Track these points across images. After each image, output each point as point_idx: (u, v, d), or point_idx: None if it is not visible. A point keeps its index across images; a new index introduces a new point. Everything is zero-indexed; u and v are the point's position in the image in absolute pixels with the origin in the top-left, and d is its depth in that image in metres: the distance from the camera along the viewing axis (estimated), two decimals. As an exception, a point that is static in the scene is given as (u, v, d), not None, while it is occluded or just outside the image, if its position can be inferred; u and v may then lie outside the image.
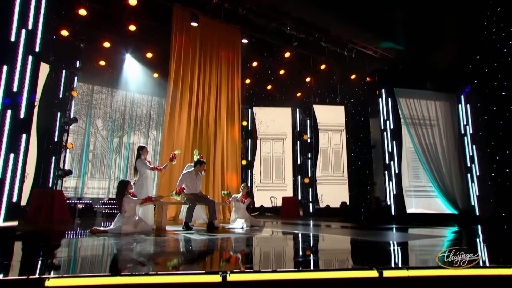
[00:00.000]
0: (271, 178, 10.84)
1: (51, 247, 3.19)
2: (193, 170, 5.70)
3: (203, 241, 3.78)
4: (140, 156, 5.46)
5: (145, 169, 5.37)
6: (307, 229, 5.55)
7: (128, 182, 4.67)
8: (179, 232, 4.76)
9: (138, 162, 5.41)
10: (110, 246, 3.25)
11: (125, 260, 2.48)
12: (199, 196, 5.61)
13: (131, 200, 4.58)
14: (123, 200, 4.51)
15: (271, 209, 10.37)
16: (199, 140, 8.93)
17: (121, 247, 3.15)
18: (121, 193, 4.56)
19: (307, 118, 11.17)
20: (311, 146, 10.93)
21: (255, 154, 10.89)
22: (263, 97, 11.76)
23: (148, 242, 3.56)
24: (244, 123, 10.81)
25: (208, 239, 3.93)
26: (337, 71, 11.21)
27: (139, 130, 10.66)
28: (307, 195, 10.58)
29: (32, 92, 4.15)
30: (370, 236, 4.46)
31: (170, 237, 4.11)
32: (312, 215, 10.27)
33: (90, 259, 2.57)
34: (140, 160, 5.41)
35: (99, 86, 9.95)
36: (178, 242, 3.77)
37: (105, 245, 3.28)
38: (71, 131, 9.12)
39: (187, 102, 8.88)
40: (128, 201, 4.55)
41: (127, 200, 4.52)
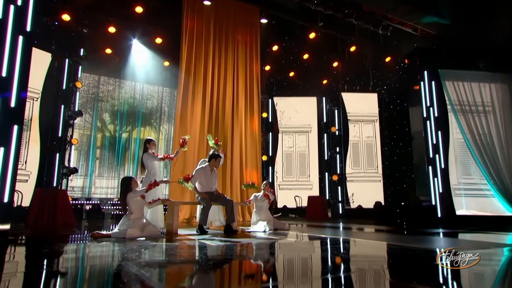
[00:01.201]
0: (295, 175, 10.66)
1: (39, 256, 2.95)
2: (207, 166, 5.43)
3: (219, 248, 3.50)
4: (147, 150, 5.26)
5: (153, 163, 5.17)
6: (337, 233, 5.34)
7: (131, 179, 4.45)
8: (192, 237, 4.53)
9: (145, 156, 5.20)
10: (109, 255, 3.00)
11: (122, 275, 2.15)
12: (214, 195, 5.35)
13: (135, 194, 4.32)
14: (126, 198, 4.26)
15: (295, 209, 10.19)
16: (214, 134, 8.65)
17: (122, 257, 2.89)
18: (123, 191, 4.33)
19: (335, 107, 10.86)
20: (339, 139, 10.66)
21: (276, 149, 10.73)
22: (285, 86, 11.50)
23: (154, 250, 3.29)
24: (264, 115, 10.64)
25: (226, 246, 3.67)
26: (369, 53, 10.75)
27: (149, 124, 10.52)
28: (336, 194, 10.33)
29: (24, 78, 3.89)
30: (412, 242, 4.07)
31: (181, 243, 3.85)
32: (341, 216, 10.01)
33: (79, 275, 2.26)
34: (147, 154, 5.19)
35: (105, 77, 9.86)
36: (189, 249, 3.50)
37: (103, 255, 3.04)
38: (76, 125, 9.03)
39: (201, 91, 8.68)
40: (133, 198, 4.30)
41: (131, 196, 4.28)
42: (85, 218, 8.39)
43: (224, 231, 5.13)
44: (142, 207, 4.50)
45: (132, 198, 4.30)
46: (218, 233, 4.99)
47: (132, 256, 2.85)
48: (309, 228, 6.16)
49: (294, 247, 3.77)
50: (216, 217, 5.74)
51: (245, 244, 3.85)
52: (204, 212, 5.08)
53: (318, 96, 11.03)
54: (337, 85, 11.05)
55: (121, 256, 2.92)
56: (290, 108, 10.93)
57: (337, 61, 11.11)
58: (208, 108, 8.68)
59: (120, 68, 9.64)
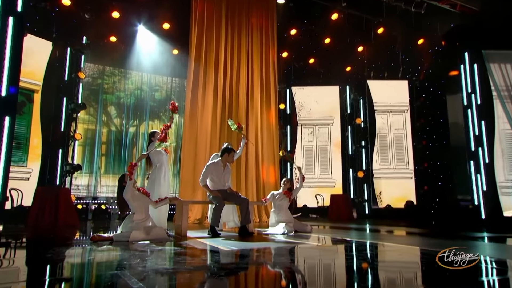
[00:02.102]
0: (316, 172, 10.60)
1: (19, 264, 2.81)
2: (219, 160, 5.23)
3: (233, 254, 3.29)
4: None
5: (159, 156, 4.99)
6: (363, 236, 5.18)
7: (124, 175, 4.29)
8: (203, 240, 4.35)
9: (150, 149, 5.01)
10: (105, 262, 2.81)
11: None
12: (228, 194, 5.15)
13: (126, 190, 4.14)
14: (123, 196, 4.14)
15: (316, 209, 10.13)
16: (227, 127, 8.30)
17: (119, 265, 2.69)
18: (118, 190, 4.22)
19: (360, 97, 10.75)
20: (365, 132, 10.53)
21: (295, 143, 10.67)
22: (304, 74, 11.38)
23: (158, 256, 3.07)
24: (281, 106, 10.58)
25: (240, 251, 3.46)
26: (399, 36, 10.46)
27: (158, 117, 10.46)
28: (362, 192, 10.20)
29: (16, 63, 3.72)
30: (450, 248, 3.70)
31: (189, 247, 3.65)
32: (368, 217, 9.86)
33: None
34: (151, 146, 5.02)
35: (110, 67, 9.83)
36: (199, 255, 3.29)
37: (99, 261, 2.85)
38: (80, 119, 9.03)
39: (212, 81, 8.55)
40: (127, 194, 4.13)
41: (125, 193, 4.12)
42: (91, 219, 8.38)
43: (239, 233, 4.96)
44: (146, 206, 4.33)
45: (127, 195, 4.14)
46: (232, 236, 4.85)
47: (131, 263, 2.65)
48: (332, 230, 6.05)
49: (316, 252, 3.59)
50: (230, 218, 5.54)
51: (262, 249, 3.67)
52: (216, 212, 4.90)
53: (341, 85, 10.90)
54: (363, 72, 10.86)
55: (118, 264, 2.73)
56: (310, 99, 10.87)
57: (363, 45, 10.88)
58: (220, 99, 8.55)
59: (125, 57, 9.56)
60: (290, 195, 5.62)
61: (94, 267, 2.64)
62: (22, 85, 7.41)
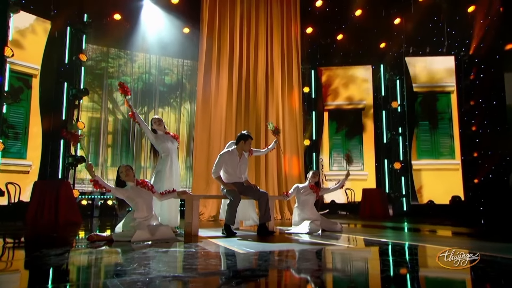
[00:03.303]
0: (345, 163, 10.37)
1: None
2: (234, 149, 5.12)
3: (250, 259, 3.08)
4: (155, 132, 5.07)
5: (163, 144, 4.95)
6: (401, 236, 5.07)
7: (119, 167, 4.29)
8: (216, 240, 4.21)
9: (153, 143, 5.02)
10: (95, 267, 2.64)
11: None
12: (244, 187, 5.04)
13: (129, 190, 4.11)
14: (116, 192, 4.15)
15: (346, 205, 10.14)
16: (244, 113, 8.58)
17: (113, 271, 2.54)
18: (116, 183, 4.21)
19: (397, 77, 10.47)
20: (402, 117, 10.28)
21: (321, 131, 10.69)
22: (331, 52, 11.13)
23: (161, 259, 2.88)
24: (305, 89, 10.47)
25: (259, 254, 3.26)
26: (444, 4, 10.12)
27: (168, 104, 10.38)
28: (399, 186, 10.04)
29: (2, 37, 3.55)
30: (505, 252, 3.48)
31: (199, 249, 3.46)
32: (406, 214, 9.70)
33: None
34: (154, 139, 5.02)
35: (115, 49, 9.74)
36: (209, 258, 3.08)
37: (89, 266, 2.71)
38: (83, 107, 9.00)
39: (227, 62, 8.60)
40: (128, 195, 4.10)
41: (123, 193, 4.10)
42: (97, 216, 8.41)
43: (257, 232, 4.88)
44: (149, 203, 4.22)
45: (119, 195, 4.13)
46: (250, 235, 4.76)
47: (126, 268, 2.47)
48: (364, 230, 6.07)
49: (347, 255, 3.47)
50: (248, 215, 5.50)
51: (283, 251, 3.50)
52: (232, 209, 4.77)
53: (375, 64, 10.78)
54: (400, 49, 10.59)
55: (110, 269, 2.56)
56: (338, 81, 10.85)
57: (400, 17, 10.56)
58: (236, 82, 8.55)
59: (131, 37, 9.46)
60: (317, 191, 5.48)
61: (79, 274, 2.46)
62: (19, 70, 7.48)
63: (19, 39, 7.43)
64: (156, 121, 5.02)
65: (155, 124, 5.02)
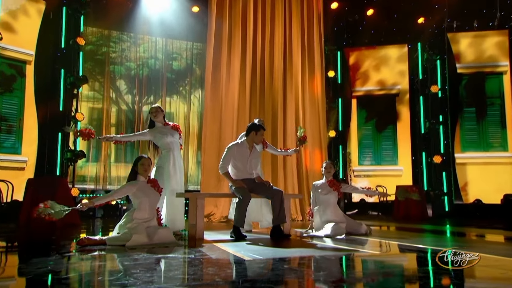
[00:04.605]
0: (376, 157, 10.72)
1: None
2: (244, 141, 5.09)
3: (260, 271, 2.92)
4: (153, 124, 5.05)
5: (163, 138, 4.93)
6: (443, 242, 4.91)
7: (140, 158, 4.22)
8: (221, 245, 4.13)
9: (150, 132, 5.00)
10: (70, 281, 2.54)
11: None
12: (255, 184, 4.99)
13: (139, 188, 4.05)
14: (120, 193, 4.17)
15: (377, 205, 10.09)
16: (259, 100, 8.54)
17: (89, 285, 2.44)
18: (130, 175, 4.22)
19: (437, 57, 10.24)
20: (444, 103, 10.15)
21: (349, 122, 10.68)
22: (360, 30, 11.02)
23: (151, 268, 2.78)
24: (330, 74, 10.44)
25: (266, 262, 3.13)
26: None
27: (177, 92, 10.48)
28: (439, 183, 9.90)
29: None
30: None
31: (201, 256, 3.38)
32: (448, 215, 9.58)
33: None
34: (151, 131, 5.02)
35: (117, 31, 9.82)
36: (210, 267, 2.97)
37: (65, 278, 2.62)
38: (84, 97, 9.10)
39: (239, 43, 8.57)
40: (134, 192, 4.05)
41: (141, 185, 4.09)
42: (99, 216, 8.50)
43: (271, 235, 4.85)
44: (154, 204, 4.20)
45: (122, 192, 4.14)
46: (262, 239, 4.75)
47: (107, 279, 2.42)
48: (399, 233, 6.00)
49: (377, 264, 3.29)
50: (260, 216, 5.56)
51: (297, 258, 3.39)
52: (241, 209, 4.73)
53: (411, 43, 10.66)
54: (441, 24, 10.37)
55: (87, 281, 2.46)
56: (368, 63, 10.85)
57: None
58: (249, 66, 8.54)
59: (135, 18, 9.46)
60: (338, 187, 5.30)
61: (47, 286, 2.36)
62: (10, 56, 7.61)
63: (10, 22, 7.53)
64: (153, 111, 5.00)
65: (152, 114, 5.00)
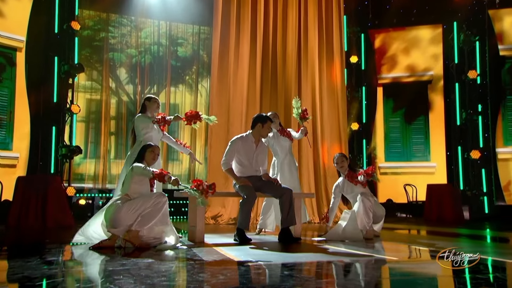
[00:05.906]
0: (405, 153, 10.72)
1: None
2: (249, 134, 5.13)
3: (248, 274, 2.97)
4: (145, 111, 5.04)
5: (147, 130, 4.89)
6: (481, 247, 4.85)
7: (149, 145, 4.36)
8: (221, 249, 4.16)
9: (138, 119, 4.95)
10: None
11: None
12: (262, 182, 5.03)
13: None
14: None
15: (406, 206, 10.16)
16: (271, 89, 8.60)
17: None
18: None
19: (476, 38, 10.08)
20: (483, 90, 10.10)
21: (374, 113, 10.72)
22: (387, 10, 10.86)
23: (142, 275, 2.76)
24: (352, 59, 10.40)
25: (280, 274, 3.05)
26: None
27: (182, 81, 10.50)
28: (478, 182, 9.86)
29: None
30: None
31: (194, 263, 3.39)
32: (488, 218, 9.53)
33: None
34: (141, 116, 4.98)
35: (115, 14, 9.85)
36: (196, 274, 2.96)
37: None
38: (80, 87, 9.15)
39: (248, 25, 8.69)
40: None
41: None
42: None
43: (279, 238, 4.88)
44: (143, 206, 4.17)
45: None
46: (268, 242, 4.82)
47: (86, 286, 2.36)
48: (430, 238, 6.05)
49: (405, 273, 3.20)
50: (271, 216, 5.62)
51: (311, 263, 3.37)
52: (245, 209, 4.79)
53: (446, 23, 10.56)
54: (481, 0, 10.15)
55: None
56: (396, 46, 10.84)
57: None
58: (260, 52, 8.58)
59: (136, 0, 9.44)
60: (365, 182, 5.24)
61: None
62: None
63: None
64: (156, 103, 5.05)
65: (155, 106, 5.05)
